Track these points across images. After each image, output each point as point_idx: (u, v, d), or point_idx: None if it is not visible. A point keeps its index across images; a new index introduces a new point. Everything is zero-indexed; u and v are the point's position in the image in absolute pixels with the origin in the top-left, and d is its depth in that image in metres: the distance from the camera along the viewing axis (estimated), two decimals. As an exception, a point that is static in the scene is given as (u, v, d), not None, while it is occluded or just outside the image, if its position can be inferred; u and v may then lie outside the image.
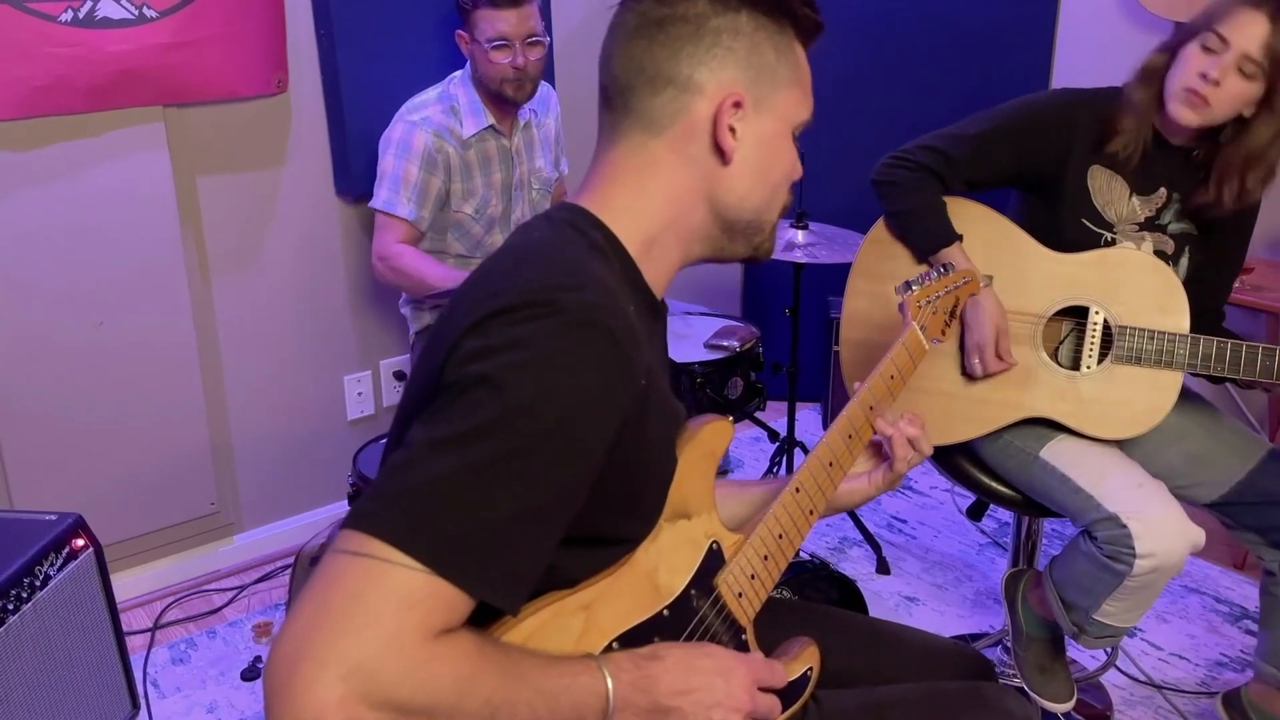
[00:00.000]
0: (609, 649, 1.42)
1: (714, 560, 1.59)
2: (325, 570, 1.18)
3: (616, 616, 1.44)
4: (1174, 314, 2.53)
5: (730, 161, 1.48)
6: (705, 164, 1.49)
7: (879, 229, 2.72)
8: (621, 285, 1.44)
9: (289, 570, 3.59)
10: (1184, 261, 2.63)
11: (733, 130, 1.46)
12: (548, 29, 3.82)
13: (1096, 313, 2.57)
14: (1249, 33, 2.36)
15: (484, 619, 1.27)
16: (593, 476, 1.30)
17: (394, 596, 1.15)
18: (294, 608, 1.17)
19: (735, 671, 1.44)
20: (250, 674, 3.24)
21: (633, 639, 1.44)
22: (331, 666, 1.10)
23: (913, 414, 1.86)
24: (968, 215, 2.64)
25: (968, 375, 2.62)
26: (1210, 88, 2.39)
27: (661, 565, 1.51)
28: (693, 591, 1.54)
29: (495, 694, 1.21)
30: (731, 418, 1.70)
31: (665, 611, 1.50)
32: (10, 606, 2.25)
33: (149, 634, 3.47)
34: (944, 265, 2.22)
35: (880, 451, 1.90)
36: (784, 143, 1.54)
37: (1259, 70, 2.37)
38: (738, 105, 1.46)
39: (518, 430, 1.21)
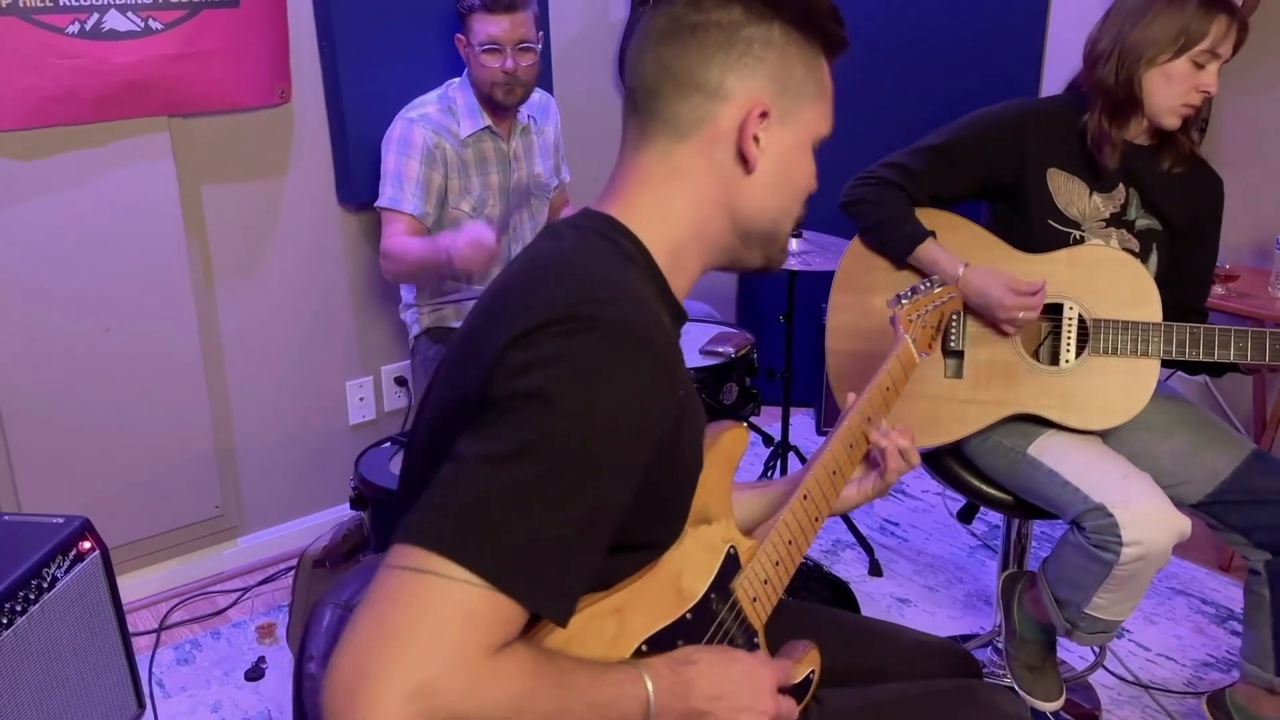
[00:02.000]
0: (639, 651, 1.42)
1: (731, 565, 1.59)
2: (382, 585, 1.16)
3: (645, 620, 1.44)
4: (1146, 304, 2.55)
5: (753, 170, 1.47)
6: (728, 171, 1.47)
7: (857, 244, 2.75)
8: (654, 295, 1.43)
9: (292, 572, 3.60)
10: (1152, 258, 2.65)
11: (756, 140, 1.45)
12: (546, 38, 3.83)
13: (1071, 308, 2.59)
14: (1229, 38, 2.45)
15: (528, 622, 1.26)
16: (637, 486, 1.29)
17: (457, 613, 1.13)
18: (351, 624, 1.15)
19: (761, 676, 1.46)
20: (254, 674, 3.24)
21: (659, 641, 1.44)
22: (397, 686, 1.09)
23: (904, 426, 1.88)
24: (939, 224, 2.66)
25: (956, 376, 2.64)
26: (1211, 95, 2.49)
27: (685, 570, 1.52)
28: (712, 596, 1.55)
29: (550, 708, 1.21)
30: (746, 425, 1.71)
31: (688, 615, 1.50)
32: (18, 608, 2.24)
33: (154, 635, 3.47)
34: (930, 279, 2.24)
35: (871, 460, 1.91)
36: (804, 155, 1.53)
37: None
38: (764, 115, 1.45)
39: (570, 444, 1.20)
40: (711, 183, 1.48)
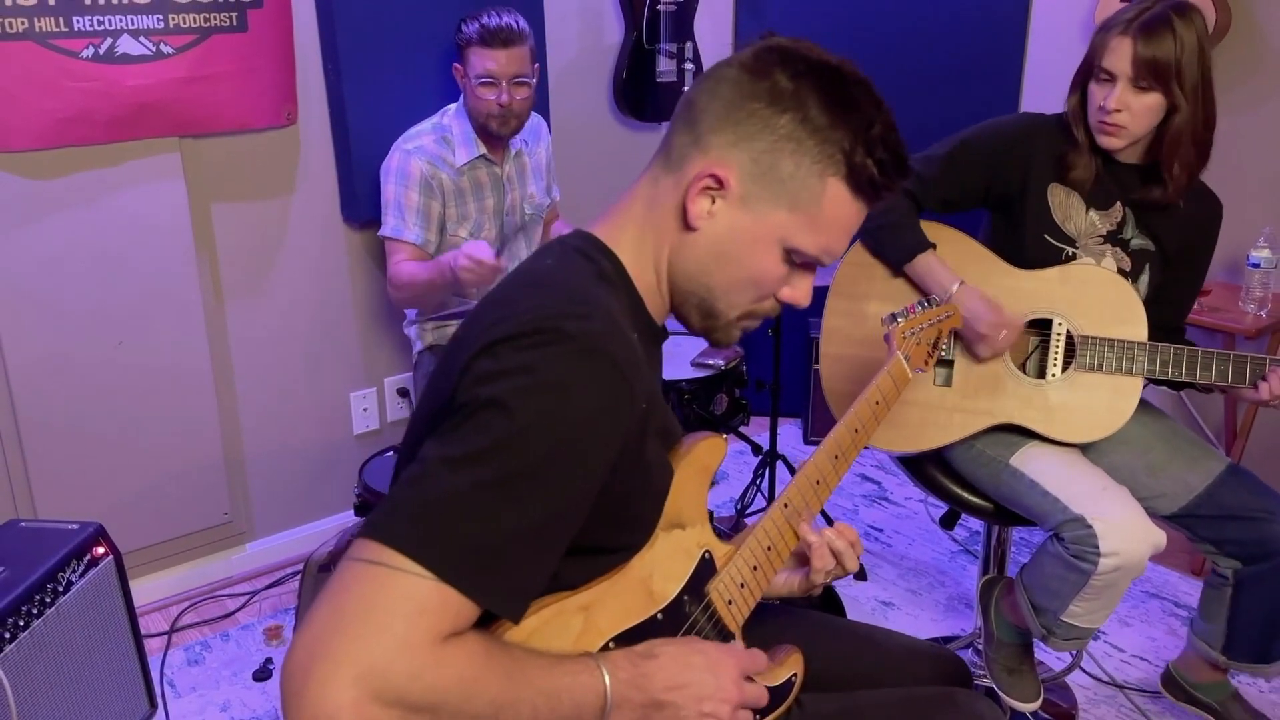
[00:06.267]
0: (605, 648, 1.42)
1: (706, 569, 1.59)
2: (340, 576, 1.18)
3: (613, 618, 1.45)
4: (1132, 324, 2.56)
5: (691, 229, 1.46)
6: (678, 219, 1.47)
7: (855, 251, 2.75)
8: (626, 313, 1.45)
9: (298, 576, 3.60)
10: (1144, 279, 2.66)
11: (713, 201, 1.44)
12: (543, 68, 3.84)
13: (1060, 324, 2.60)
14: (1121, 55, 2.44)
15: (489, 617, 1.28)
16: (594, 494, 1.31)
17: (405, 603, 1.16)
18: (310, 611, 1.17)
19: (724, 665, 1.45)
20: (261, 674, 3.25)
21: (628, 640, 1.45)
22: (345, 668, 1.11)
23: (845, 525, 1.76)
24: (937, 238, 2.66)
25: (944, 385, 2.65)
26: (1116, 114, 2.47)
27: (657, 572, 1.52)
28: (685, 597, 1.55)
29: (499, 694, 1.22)
30: (725, 435, 1.70)
31: (659, 615, 1.51)
32: (35, 611, 2.25)
33: (165, 637, 3.47)
34: (927, 299, 2.24)
35: (801, 556, 1.78)
36: (762, 249, 1.46)
37: (1148, 80, 2.43)
38: (719, 183, 1.42)
39: (525, 451, 1.22)
40: (668, 222, 1.48)
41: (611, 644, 1.44)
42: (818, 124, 1.40)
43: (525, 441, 1.23)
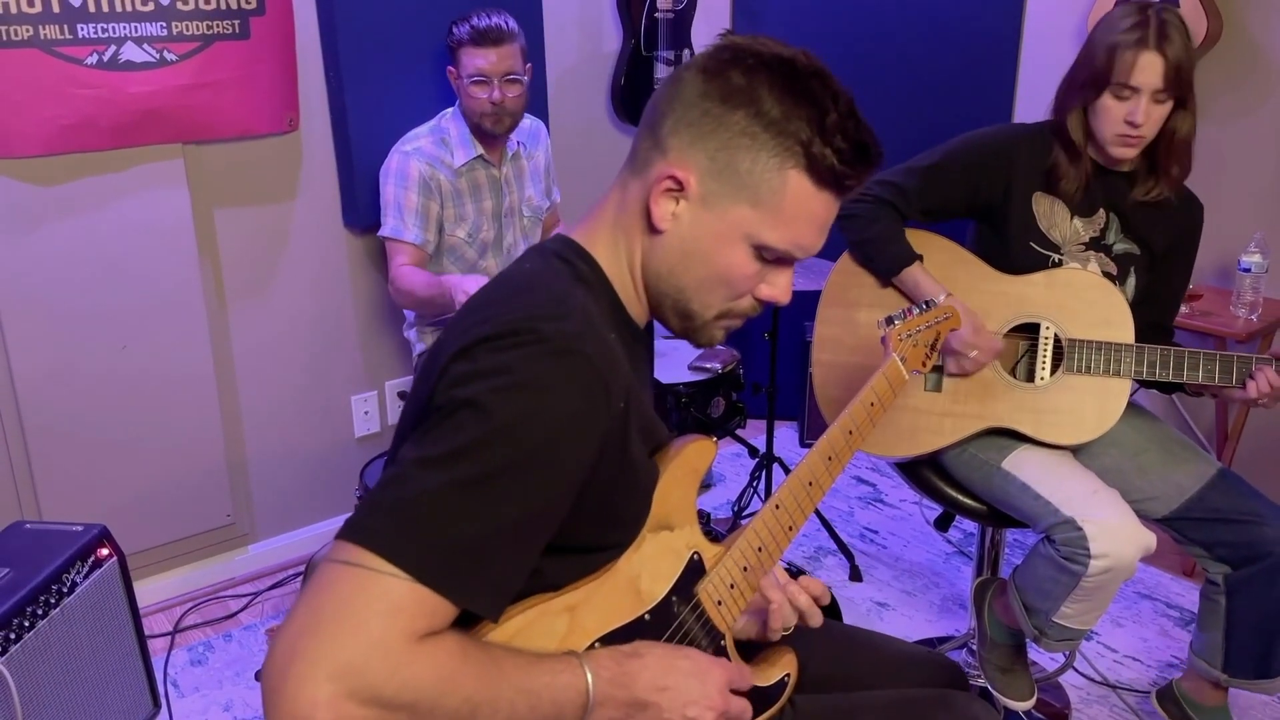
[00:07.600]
0: (591, 649, 1.42)
1: (695, 570, 1.59)
2: (319, 577, 1.19)
3: (600, 619, 1.45)
4: (1119, 326, 2.56)
5: (658, 232, 1.45)
6: (644, 222, 1.47)
7: (845, 260, 2.75)
8: (604, 314, 1.45)
9: (300, 577, 3.61)
10: (1130, 281, 2.66)
11: (677, 202, 1.43)
12: (540, 69, 3.85)
13: (1047, 328, 2.60)
14: (1151, 72, 2.41)
15: (473, 618, 1.29)
16: (574, 494, 1.32)
17: (380, 603, 1.17)
18: (290, 612, 1.19)
19: (711, 673, 1.45)
20: (263, 675, 3.25)
21: (615, 640, 1.45)
22: (321, 667, 1.12)
23: (812, 580, 1.75)
24: (924, 244, 2.67)
25: (935, 389, 2.66)
26: (1141, 126, 2.46)
27: (644, 573, 1.52)
28: (674, 598, 1.55)
29: (476, 692, 1.22)
30: (715, 437, 1.69)
31: (647, 616, 1.51)
32: (40, 611, 2.26)
33: (169, 637, 3.48)
34: (926, 302, 2.24)
35: (758, 610, 1.73)
36: (729, 246, 1.44)
37: (1174, 91, 2.43)
38: (679, 184, 1.41)
39: (500, 451, 1.23)
40: (637, 225, 1.48)
41: (597, 644, 1.44)
42: (772, 117, 1.38)
43: (501, 441, 1.23)
